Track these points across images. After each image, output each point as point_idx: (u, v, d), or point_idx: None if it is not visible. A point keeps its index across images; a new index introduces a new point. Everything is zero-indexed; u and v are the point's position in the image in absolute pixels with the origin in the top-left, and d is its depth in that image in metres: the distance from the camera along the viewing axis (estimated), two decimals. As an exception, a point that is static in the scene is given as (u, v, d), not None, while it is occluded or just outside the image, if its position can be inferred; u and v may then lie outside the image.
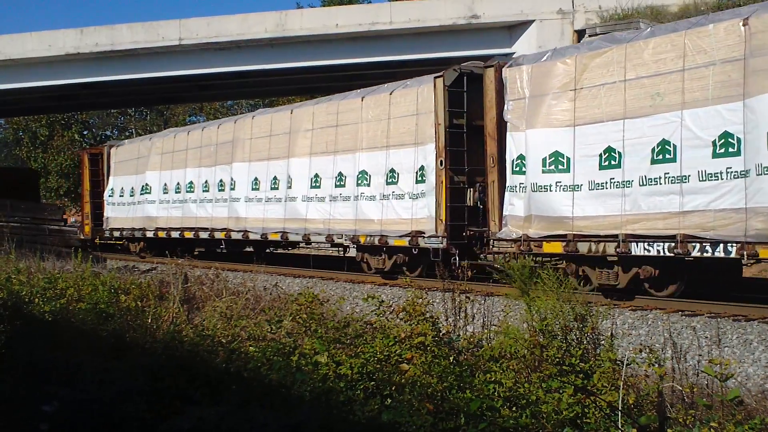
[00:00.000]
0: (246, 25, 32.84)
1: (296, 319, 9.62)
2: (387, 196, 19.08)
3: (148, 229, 29.94)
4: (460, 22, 31.31)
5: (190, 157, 27.74)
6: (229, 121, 27.06)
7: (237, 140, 25.16)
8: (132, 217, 31.40)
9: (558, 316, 8.70)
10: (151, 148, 30.64)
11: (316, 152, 21.60)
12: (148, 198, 30.06)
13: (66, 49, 34.01)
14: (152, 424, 6.35)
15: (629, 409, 6.22)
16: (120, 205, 32.71)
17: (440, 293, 11.46)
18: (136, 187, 31.31)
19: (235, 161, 25.04)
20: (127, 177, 32.30)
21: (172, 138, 29.60)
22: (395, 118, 19.11)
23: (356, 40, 32.69)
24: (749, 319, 12.47)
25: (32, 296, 12.62)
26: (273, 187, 23.24)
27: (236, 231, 24.76)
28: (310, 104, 23.46)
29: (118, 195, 33.05)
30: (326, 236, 20.93)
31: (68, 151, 71.92)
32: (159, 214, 29.31)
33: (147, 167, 30.40)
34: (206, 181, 26.44)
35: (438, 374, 6.75)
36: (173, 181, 28.47)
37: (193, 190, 27.26)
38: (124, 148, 34.06)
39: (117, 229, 32.83)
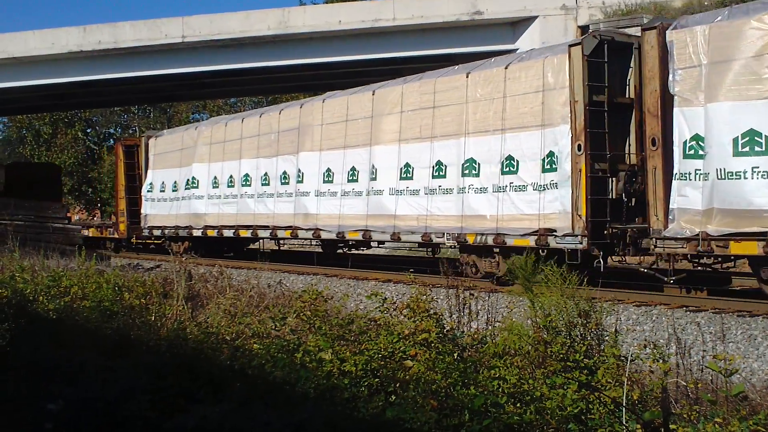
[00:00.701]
0: (248, 22, 32.87)
1: (300, 316, 9.61)
2: (503, 188, 16.46)
3: (195, 227, 27.54)
4: (463, 19, 31.29)
5: (245, 147, 25.32)
6: (293, 106, 24.27)
7: (304, 127, 22.64)
8: (175, 214, 29.07)
9: (562, 312, 8.69)
10: (197, 138, 28.23)
11: (407, 138, 19.02)
12: (195, 193, 27.74)
13: (69, 47, 34.07)
14: (156, 423, 6.35)
15: (633, 404, 6.20)
16: (160, 201, 30.48)
17: (444, 290, 11.45)
18: (180, 181, 28.97)
19: (302, 150, 22.58)
20: (169, 170, 30.00)
21: (223, 126, 26.98)
22: (513, 96, 16.49)
23: (359, 37, 32.70)
24: (754, 315, 12.46)
25: (36, 294, 12.63)
26: (351, 179, 20.71)
27: (305, 229, 22.38)
28: (396, 83, 20.55)
29: (158, 190, 30.73)
30: (422, 235, 18.46)
31: (71, 149, 72.01)
32: (208, 211, 26.87)
33: (193, 159, 28.09)
34: (266, 174, 24.06)
35: (442, 371, 6.74)
36: (225, 174, 26.16)
37: (250, 184, 24.83)
38: (165, 138, 31.59)
39: (157, 228, 30.47)
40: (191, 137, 28.68)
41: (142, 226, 31.39)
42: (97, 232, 37.11)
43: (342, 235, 20.86)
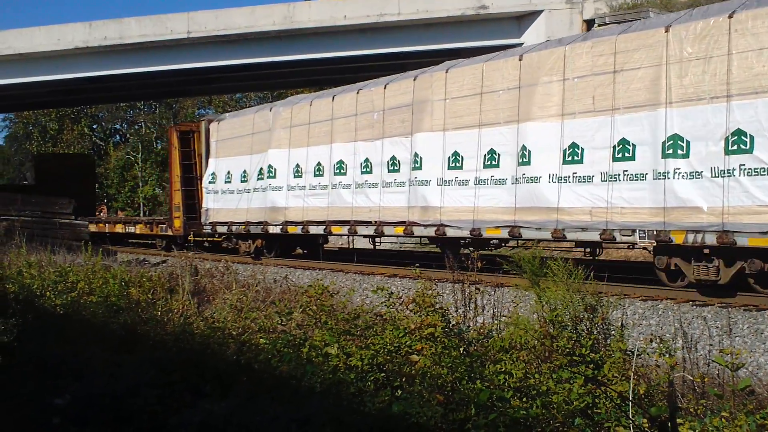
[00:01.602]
0: (254, 17, 32.90)
1: (306, 311, 9.62)
2: (728, 171, 12.96)
3: (272, 222, 23.74)
4: (468, 13, 31.29)
5: (338, 129, 21.49)
6: (403, 79, 20.17)
7: (420, 103, 18.82)
8: (245, 208, 25.29)
9: (568, 306, 8.69)
10: (274, 121, 24.26)
11: (573, 112, 15.37)
12: (271, 183, 23.87)
13: (75, 43, 34.13)
14: (163, 418, 6.36)
15: (640, 399, 6.20)
16: (226, 193, 26.61)
17: (450, 284, 11.45)
18: (251, 170, 25.11)
19: (418, 131, 18.77)
20: (237, 158, 26.12)
21: (307, 106, 23.14)
22: (744, 52, 13.00)
23: (364, 31, 32.71)
24: (760, 309, 12.44)
25: (43, 290, 12.68)
26: (489, 164, 17.06)
27: (423, 225, 18.57)
28: (555, 45, 16.43)
29: (222, 180, 26.82)
30: (601, 232, 14.83)
31: (78, 145, 72.20)
32: (290, 204, 23.12)
33: (269, 144, 24.20)
34: (366, 160, 20.36)
35: (448, 365, 6.74)
36: (311, 161, 22.39)
37: (345, 172, 21.07)
38: (231, 122, 27.57)
39: (222, 224, 26.57)
40: (265, 120, 24.82)
41: (203, 222, 27.60)
42: (146, 228, 33.70)
43: (477, 233, 17.26)
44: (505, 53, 17.93)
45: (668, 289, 14.41)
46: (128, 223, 36.00)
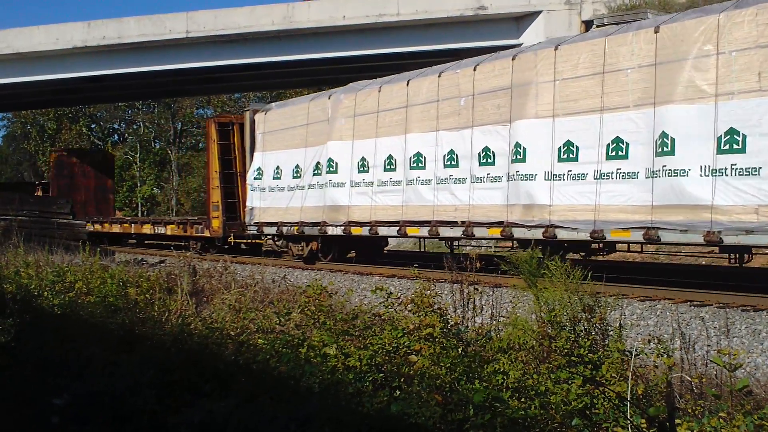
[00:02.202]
0: (253, 17, 32.92)
1: (305, 311, 9.62)
2: None
3: (332, 223, 21.28)
4: (467, 14, 31.34)
5: (414, 118, 18.93)
6: (498, 59, 17.57)
7: (522, 86, 16.32)
8: (299, 206, 22.79)
9: (566, 306, 8.70)
10: (334, 109, 21.73)
11: (730, 92, 12.99)
12: (331, 179, 21.36)
13: (74, 43, 34.13)
14: (162, 417, 6.37)
15: (638, 399, 6.22)
16: (275, 190, 24.13)
17: (448, 285, 11.46)
18: (305, 164, 22.72)
19: (521, 118, 16.24)
20: (288, 151, 23.71)
21: (375, 92, 20.54)
22: None
23: (364, 32, 32.74)
24: (758, 310, 12.45)
25: (41, 290, 12.68)
26: (614, 155, 14.78)
27: (526, 226, 16.01)
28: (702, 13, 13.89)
29: (270, 176, 24.35)
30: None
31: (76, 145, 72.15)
32: (353, 202, 20.64)
33: (328, 136, 21.69)
34: (452, 152, 17.81)
35: (446, 365, 6.75)
36: (380, 154, 19.90)
37: (423, 166, 18.58)
38: (280, 112, 24.85)
39: (270, 224, 24.09)
40: (322, 109, 22.33)
41: (247, 222, 25.15)
42: (179, 229, 31.17)
43: (599, 235, 14.86)
44: (629, 26, 15.48)
45: (666, 290, 14.43)
46: (157, 223, 33.67)
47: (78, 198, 43.06)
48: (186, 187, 62.82)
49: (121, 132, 79.35)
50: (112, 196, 49.55)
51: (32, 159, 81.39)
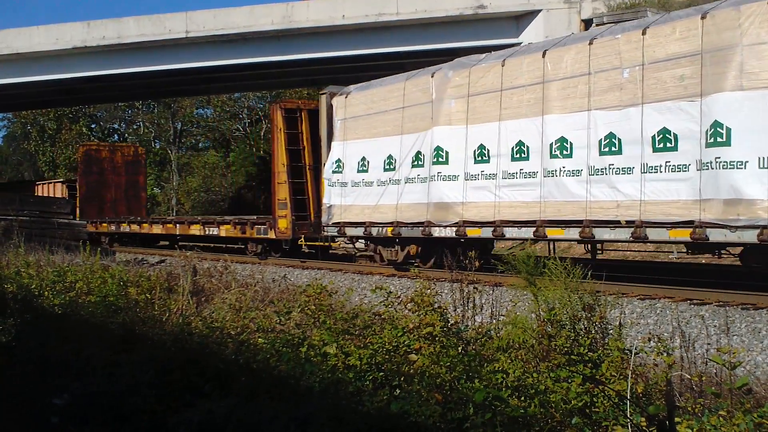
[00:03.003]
0: (253, 17, 32.92)
1: (305, 310, 9.63)
2: None
3: (438, 223, 18.10)
4: (466, 13, 31.33)
5: (555, 96, 15.76)
6: (683, 18, 14.19)
7: (717, 52, 13.24)
8: (393, 204, 19.60)
9: (566, 305, 8.70)
10: (438, 89, 18.47)
11: None
12: (440, 172, 18.08)
13: (73, 43, 34.12)
14: (162, 417, 6.38)
15: (638, 398, 6.22)
16: (359, 185, 20.85)
17: (448, 284, 11.46)
18: (400, 154, 19.50)
19: (719, 90, 13.13)
20: (376, 140, 20.46)
21: (497, 66, 17.17)
22: None
23: (363, 31, 32.73)
24: (758, 308, 12.47)
25: (42, 289, 12.69)
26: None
27: (729, 226, 12.87)
28: None
29: (353, 170, 21.12)
30: None
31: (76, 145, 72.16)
32: (469, 198, 17.42)
33: (434, 120, 18.43)
34: (610, 136, 14.72)
35: (446, 364, 6.76)
36: (506, 141, 16.67)
37: (569, 154, 15.41)
38: (366, 94, 21.39)
39: (354, 224, 20.88)
40: (423, 89, 19.06)
41: (324, 222, 21.84)
42: (236, 230, 27.61)
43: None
44: None
45: (665, 288, 14.44)
46: (209, 223, 30.06)
47: (107, 196, 41.84)
48: (186, 187, 62.74)
49: (121, 132, 79.29)
50: (144, 194, 46.32)
51: (32, 159, 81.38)
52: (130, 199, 43.08)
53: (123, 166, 42.96)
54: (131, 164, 43.26)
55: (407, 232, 19.22)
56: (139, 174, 44.26)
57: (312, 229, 23.27)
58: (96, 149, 44.26)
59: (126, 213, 40.83)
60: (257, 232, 26.09)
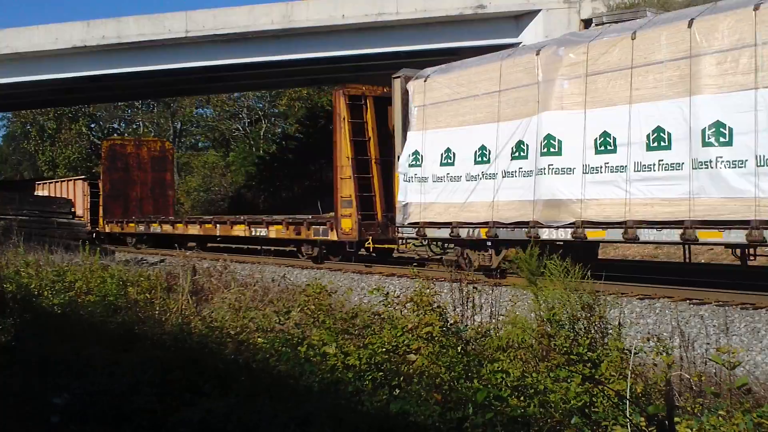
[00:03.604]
0: (252, 16, 32.90)
1: (304, 310, 9.64)
2: None
3: (549, 223, 15.47)
4: (466, 12, 31.32)
5: (705, 72, 13.20)
6: None
7: None
8: (487, 201, 16.81)
9: (565, 305, 8.71)
10: (546, 68, 15.79)
11: None
12: (552, 164, 15.40)
13: (73, 42, 34.09)
14: (162, 416, 6.38)
15: (637, 397, 6.22)
16: (442, 180, 18.08)
17: (448, 284, 11.47)
18: (497, 145, 16.74)
19: None
20: (464, 129, 17.69)
21: (625, 40, 14.66)
22: None
23: (363, 30, 32.72)
24: (757, 308, 12.47)
25: (41, 289, 12.70)
26: None
27: None
28: None
29: (435, 162, 18.34)
30: None
31: (76, 144, 72.12)
32: (589, 195, 14.92)
33: (542, 105, 15.75)
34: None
35: (446, 364, 6.76)
36: (638, 128, 14.16)
37: (729, 142, 12.82)
38: (451, 77, 18.49)
39: (436, 225, 18.23)
40: (525, 68, 16.41)
41: (398, 222, 19.29)
42: (288, 231, 24.70)
43: None
44: None
45: (665, 288, 14.44)
46: (256, 223, 26.90)
47: (133, 194, 39.25)
48: (186, 187, 62.73)
49: (121, 131, 79.28)
50: (172, 192, 42.65)
51: (32, 159, 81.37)
52: (157, 198, 40.33)
53: (149, 162, 40.02)
54: (158, 160, 40.36)
55: (506, 234, 16.52)
56: (166, 170, 41.13)
57: (380, 229, 20.90)
58: (121, 144, 41.15)
59: (152, 212, 38.18)
60: (314, 233, 23.28)
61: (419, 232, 18.64)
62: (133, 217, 36.84)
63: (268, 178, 54.84)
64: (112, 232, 37.35)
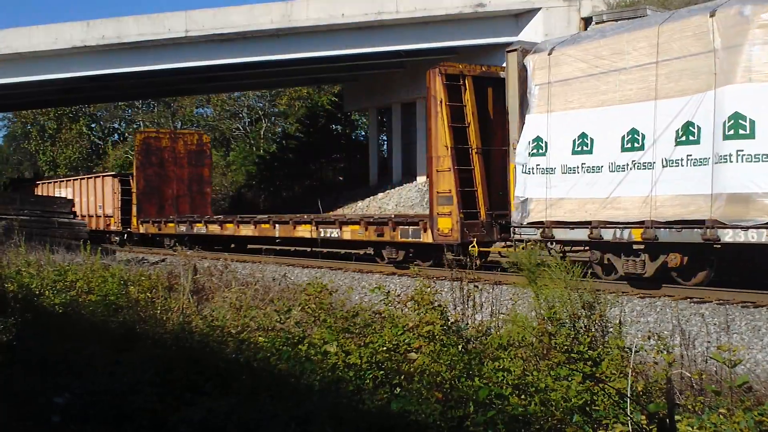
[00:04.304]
0: (252, 16, 32.90)
1: (305, 309, 9.64)
2: None
3: (735, 221, 12.75)
4: (466, 11, 31.33)
5: None
6: None
7: None
8: (642, 196, 14.13)
9: (566, 303, 8.71)
10: (727, 33, 13.02)
11: None
12: (739, 150, 12.62)
13: (73, 42, 34.08)
14: (163, 416, 6.38)
15: (638, 396, 6.23)
16: (575, 171, 15.35)
17: (448, 282, 11.47)
18: (653, 128, 14.01)
19: None
20: (606, 109, 14.90)
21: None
22: None
23: (362, 29, 32.73)
24: (758, 306, 12.47)
25: (42, 289, 12.69)
26: None
27: None
28: None
29: (565, 150, 15.63)
30: None
31: (76, 144, 72.12)
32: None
33: (727, 77, 12.89)
34: None
35: (447, 363, 6.77)
36: None
37: None
38: (590, 47, 15.51)
39: (565, 225, 15.64)
40: (695, 34, 13.58)
41: (516, 221, 16.61)
42: (367, 232, 21.52)
43: None
44: None
45: (666, 287, 14.44)
46: (325, 223, 23.77)
47: (168, 192, 36.12)
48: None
49: (122, 131, 79.32)
50: (209, 188, 39.00)
51: (33, 159, 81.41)
52: (194, 195, 37.07)
53: (185, 157, 36.81)
54: (195, 154, 37.12)
55: (670, 236, 13.80)
56: (204, 165, 37.73)
57: (484, 230, 18.18)
58: (155, 137, 37.61)
59: (189, 211, 35.46)
60: (401, 234, 20.26)
61: (545, 233, 15.85)
62: (173, 216, 33.56)
63: (269, 177, 54.85)
64: (148, 232, 34.18)
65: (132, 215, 35.42)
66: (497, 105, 18.71)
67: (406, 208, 36.19)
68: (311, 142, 53.20)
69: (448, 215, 18.33)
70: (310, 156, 52.48)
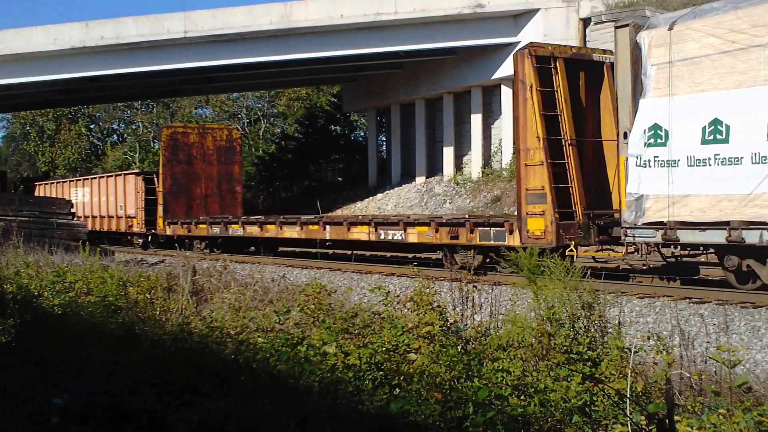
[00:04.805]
0: (251, 16, 32.91)
1: (304, 309, 9.63)
2: None
3: None
4: (465, 11, 31.34)
5: None
6: None
7: None
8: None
9: (565, 304, 8.71)
10: None
11: None
12: None
13: (72, 43, 34.08)
14: (161, 417, 6.38)
15: (638, 396, 6.23)
16: (706, 164, 13.35)
17: (448, 283, 11.46)
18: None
19: None
20: (744, 92, 12.87)
21: None
22: None
23: (361, 30, 32.75)
24: (757, 306, 12.47)
25: (41, 290, 12.69)
26: None
27: None
28: None
29: (693, 140, 13.66)
30: None
31: (75, 145, 72.08)
32: None
33: None
34: None
35: (446, 363, 6.76)
36: None
37: None
38: (723, 19, 13.30)
39: (693, 226, 13.71)
40: None
41: (629, 222, 14.65)
42: (439, 234, 19.34)
43: None
44: None
45: (665, 287, 14.43)
46: (387, 224, 21.51)
47: (197, 191, 33.87)
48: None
49: (120, 132, 79.34)
50: (239, 187, 36.29)
51: (31, 159, 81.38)
52: (224, 195, 34.81)
53: (215, 153, 34.54)
54: (224, 150, 34.82)
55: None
56: (234, 163, 35.29)
57: (581, 232, 16.16)
58: (183, 132, 34.94)
59: (218, 211, 33.50)
60: (481, 236, 18.11)
61: (667, 235, 13.97)
62: (205, 217, 31.35)
63: (267, 178, 54.81)
64: (176, 234, 31.62)
65: (158, 216, 33.25)
66: (590, 91, 17.35)
67: (405, 209, 36.18)
68: (310, 142, 53.18)
69: (541, 215, 16.30)
70: (309, 157, 52.46)
